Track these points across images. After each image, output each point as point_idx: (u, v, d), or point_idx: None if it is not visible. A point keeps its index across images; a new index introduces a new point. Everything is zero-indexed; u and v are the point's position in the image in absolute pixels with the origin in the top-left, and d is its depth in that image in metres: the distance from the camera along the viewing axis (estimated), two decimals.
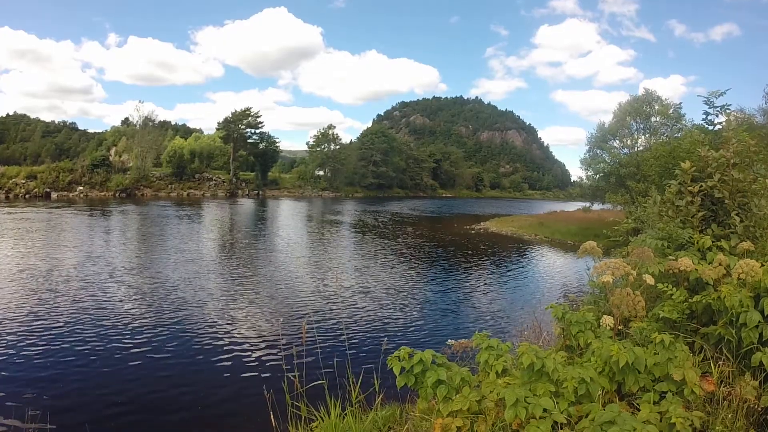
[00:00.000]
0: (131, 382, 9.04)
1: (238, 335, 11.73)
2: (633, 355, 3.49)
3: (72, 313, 12.68)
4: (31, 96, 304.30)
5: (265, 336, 11.76)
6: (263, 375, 9.37)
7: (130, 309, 13.37)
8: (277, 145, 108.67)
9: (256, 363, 10.09)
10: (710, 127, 8.43)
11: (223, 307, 14.04)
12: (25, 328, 11.52)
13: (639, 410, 3.21)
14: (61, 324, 11.86)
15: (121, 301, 14.13)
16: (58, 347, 10.43)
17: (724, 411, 3.43)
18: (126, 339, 11.11)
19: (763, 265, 4.04)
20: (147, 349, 10.63)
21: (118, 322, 12.23)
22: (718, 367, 3.80)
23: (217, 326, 12.29)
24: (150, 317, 12.71)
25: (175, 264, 20.19)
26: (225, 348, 10.89)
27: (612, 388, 3.57)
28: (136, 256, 22.30)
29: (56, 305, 13.34)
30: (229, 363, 10.12)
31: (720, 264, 4.40)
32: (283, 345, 10.65)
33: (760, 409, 3.52)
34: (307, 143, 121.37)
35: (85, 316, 12.54)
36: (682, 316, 4.35)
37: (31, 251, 21.71)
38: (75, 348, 10.45)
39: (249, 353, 10.63)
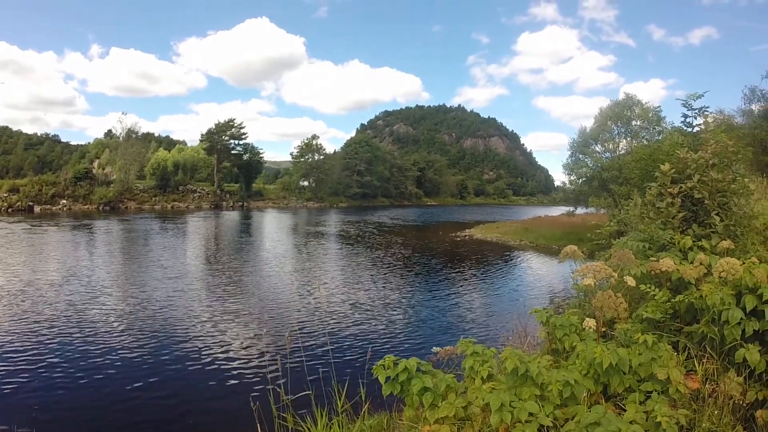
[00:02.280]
0: (118, 399, 8.90)
1: (223, 348, 11.60)
2: (617, 356, 3.50)
3: (56, 331, 12.46)
4: (13, 108, 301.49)
5: (250, 348, 11.65)
6: (249, 387, 9.27)
7: (115, 326, 13.18)
8: (261, 156, 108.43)
9: (242, 375, 9.99)
10: (689, 130, 8.52)
11: (207, 321, 13.89)
12: (10, 346, 11.31)
13: (625, 411, 3.21)
14: (45, 342, 11.65)
15: (105, 318, 13.92)
16: (42, 365, 10.25)
17: (710, 408, 3.45)
18: (111, 355, 10.94)
19: (743, 263, 4.08)
20: (132, 364, 10.47)
21: (103, 339, 12.05)
22: (703, 364, 3.82)
23: (202, 340, 12.16)
24: (134, 333, 12.53)
25: (159, 279, 19.97)
26: (210, 362, 10.77)
27: (597, 389, 3.57)
28: (120, 272, 22.02)
29: (40, 323, 13.11)
30: (215, 376, 10.00)
31: (701, 263, 4.44)
32: (269, 357, 10.57)
33: (745, 404, 3.54)
34: (291, 154, 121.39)
35: (70, 333, 12.33)
36: (665, 315, 4.38)
37: (14, 267, 21.35)
38: (60, 365, 10.27)
39: (234, 366, 10.51)
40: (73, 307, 14.78)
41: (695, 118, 8.24)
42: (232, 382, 9.73)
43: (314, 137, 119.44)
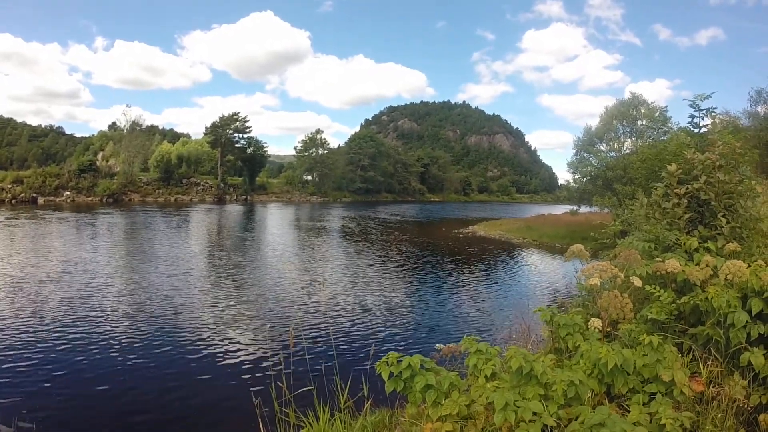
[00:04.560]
0: (119, 392, 8.93)
1: (225, 343, 11.61)
2: (621, 357, 3.49)
3: (59, 324, 12.49)
4: (17, 100, 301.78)
5: (252, 343, 11.66)
6: (251, 382, 9.29)
7: (117, 319, 13.21)
8: (265, 149, 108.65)
9: (245, 370, 10.00)
10: (696, 130, 8.48)
11: (210, 315, 13.91)
12: (12, 338, 11.34)
13: (629, 412, 3.20)
14: (47, 335, 11.68)
15: (107, 311, 13.96)
16: (45, 358, 10.28)
17: (714, 411, 3.43)
18: (113, 349, 10.97)
19: (749, 266, 4.06)
20: (135, 359, 10.49)
21: (105, 332, 12.08)
22: (707, 367, 3.81)
23: (205, 335, 12.18)
24: (137, 327, 12.56)
25: (161, 274, 20.01)
26: (213, 356, 10.79)
27: (601, 390, 3.56)
28: (122, 266, 22.07)
29: (42, 316, 13.16)
30: (218, 371, 10.02)
31: (707, 265, 4.41)
32: (271, 352, 10.59)
33: (749, 408, 3.53)
34: (294, 148, 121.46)
35: (72, 327, 12.36)
36: (670, 317, 4.35)
37: (15, 259, 21.41)
38: (63, 359, 10.30)
39: (237, 361, 10.53)
40: (72, 301, 14.80)
41: (702, 119, 8.20)
42: (234, 376, 9.74)
43: (318, 131, 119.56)
